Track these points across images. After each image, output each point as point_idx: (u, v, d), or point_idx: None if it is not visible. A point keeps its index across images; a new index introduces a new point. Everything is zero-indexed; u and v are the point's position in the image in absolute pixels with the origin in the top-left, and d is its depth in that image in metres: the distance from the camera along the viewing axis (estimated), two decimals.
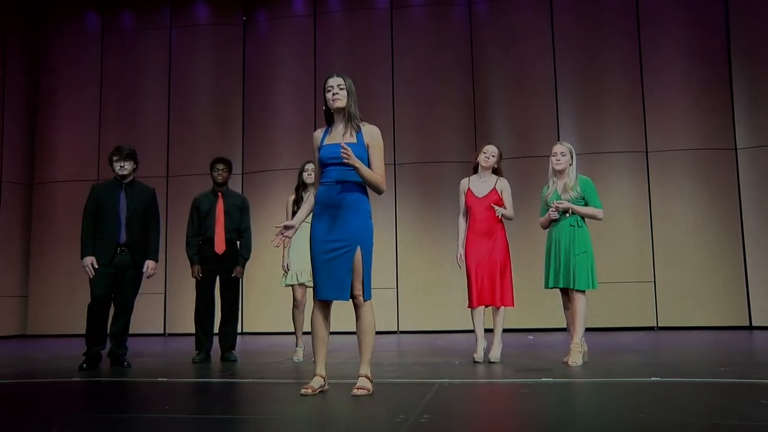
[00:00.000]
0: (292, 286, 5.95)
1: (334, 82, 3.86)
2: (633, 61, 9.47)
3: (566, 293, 5.20)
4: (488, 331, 5.45)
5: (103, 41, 10.82)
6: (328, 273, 3.77)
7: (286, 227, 3.85)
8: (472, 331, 5.51)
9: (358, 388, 3.73)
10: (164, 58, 10.65)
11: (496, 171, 5.61)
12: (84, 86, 10.69)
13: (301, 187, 5.95)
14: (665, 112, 9.30)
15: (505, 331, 5.58)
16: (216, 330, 6.12)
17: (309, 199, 4.00)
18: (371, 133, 3.88)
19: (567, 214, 5.15)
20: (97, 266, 5.39)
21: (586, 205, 5.20)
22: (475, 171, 5.64)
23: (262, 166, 10.22)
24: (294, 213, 5.84)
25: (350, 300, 3.84)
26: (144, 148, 8.48)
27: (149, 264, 5.58)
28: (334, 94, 3.84)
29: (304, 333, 5.88)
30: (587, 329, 5.25)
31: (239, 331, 7.65)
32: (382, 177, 3.86)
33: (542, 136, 9.38)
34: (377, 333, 4.12)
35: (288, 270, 5.91)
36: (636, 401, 3.45)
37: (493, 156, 5.55)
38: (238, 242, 6.18)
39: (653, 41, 9.45)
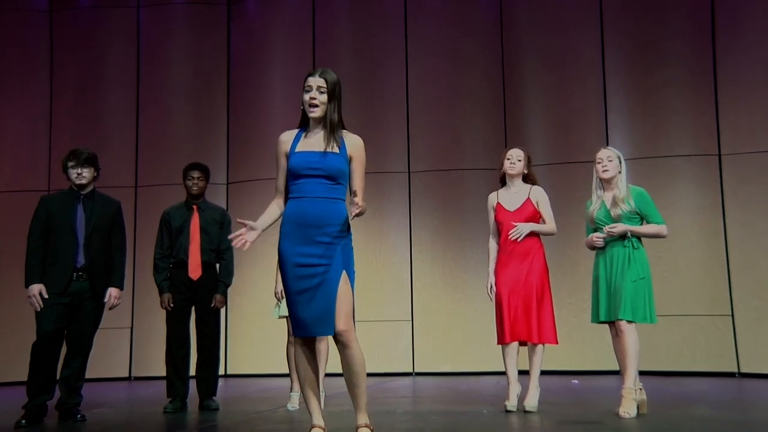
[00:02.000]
0: (286, 317, 5.90)
1: (314, 82, 3.90)
2: (703, 45, 9.34)
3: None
4: (523, 373, 5.39)
5: (53, 21, 10.76)
6: (309, 303, 3.77)
7: (252, 228, 3.83)
8: (503, 373, 5.47)
9: None
10: (131, 43, 10.65)
11: (527, 179, 5.67)
12: (29, 76, 10.60)
13: None
14: (744, 107, 9.11)
15: (543, 373, 5.54)
16: (193, 372, 6.10)
17: (271, 209, 3.98)
18: (355, 145, 3.96)
19: (624, 239, 5.14)
20: (46, 296, 5.34)
21: (641, 221, 5.23)
22: (504, 182, 5.72)
23: (250, 175, 10.20)
24: None
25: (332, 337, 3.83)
26: (107, 152, 8.47)
27: (112, 292, 5.55)
28: (311, 98, 3.89)
29: None
30: (647, 373, 5.20)
31: (221, 373, 7.61)
32: (364, 197, 3.91)
33: (587, 137, 9.32)
34: (388, 375, 4.10)
35: (282, 298, 5.89)
36: None
37: (519, 160, 5.64)
38: (217, 265, 6.18)
39: (730, 19, 9.28)
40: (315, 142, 3.90)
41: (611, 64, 9.64)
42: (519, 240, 5.43)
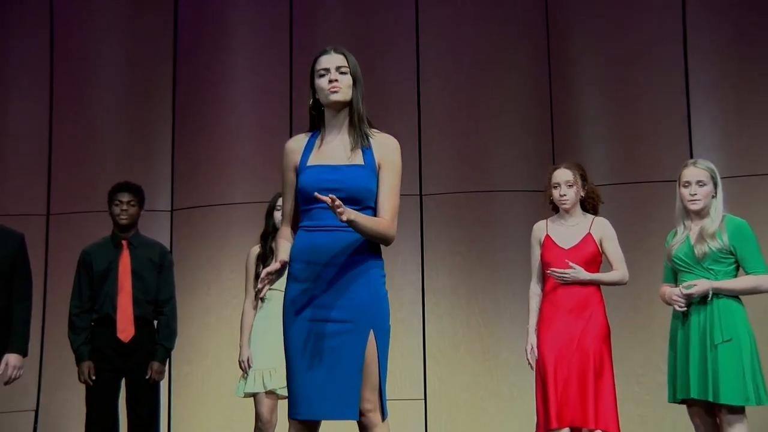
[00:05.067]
0: (254, 395, 5.97)
1: (332, 61, 3.90)
2: None
3: (702, 407, 5.14)
4: None
5: None
6: (319, 375, 3.74)
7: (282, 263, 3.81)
8: None
9: None
10: (43, 29, 10.65)
11: (587, 202, 5.68)
12: None
13: (272, 234, 6.04)
14: None
15: None
16: None
17: (282, 245, 3.97)
18: (384, 146, 3.93)
19: (709, 299, 5.12)
20: None
21: (735, 261, 5.22)
22: (557, 209, 5.80)
23: (202, 200, 10.17)
24: (258, 276, 5.89)
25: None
26: (8, 170, 8.48)
27: (10, 360, 5.56)
28: (331, 81, 3.86)
29: None
30: None
31: None
32: (391, 219, 3.93)
33: (664, 150, 9.30)
34: None
35: (249, 367, 5.95)
36: None
37: (570, 186, 5.72)
38: (155, 321, 6.20)
39: None
40: (333, 150, 3.89)
41: (696, 54, 9.63)
42: (563, 283, 5.41)
